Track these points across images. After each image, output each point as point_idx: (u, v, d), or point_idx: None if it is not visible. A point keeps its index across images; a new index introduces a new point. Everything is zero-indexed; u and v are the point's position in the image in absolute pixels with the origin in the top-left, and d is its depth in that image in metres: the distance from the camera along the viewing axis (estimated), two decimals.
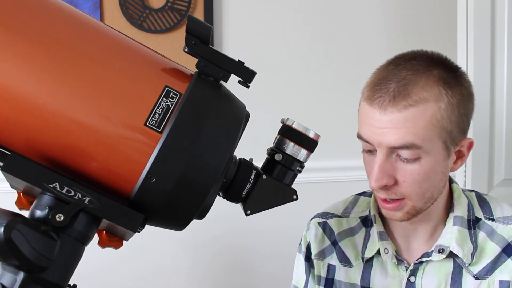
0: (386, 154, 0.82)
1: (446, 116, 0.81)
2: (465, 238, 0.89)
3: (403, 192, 0.83)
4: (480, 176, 1.48)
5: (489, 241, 0.90)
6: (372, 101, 0.82)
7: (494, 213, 0.93)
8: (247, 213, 0.67)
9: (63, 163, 0.59)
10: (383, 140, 0.81)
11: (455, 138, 0.84)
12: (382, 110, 0.80)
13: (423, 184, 0.83)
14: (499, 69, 1.47)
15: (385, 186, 0.82)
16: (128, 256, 1.68)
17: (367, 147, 0.86)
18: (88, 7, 1.66)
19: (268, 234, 1.75)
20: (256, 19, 1.76)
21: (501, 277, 0.88)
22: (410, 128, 0.79)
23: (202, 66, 0.63)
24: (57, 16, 0.61)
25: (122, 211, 0.58)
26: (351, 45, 1.77)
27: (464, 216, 0.91)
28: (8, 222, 0.53)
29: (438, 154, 0.82)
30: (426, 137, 0.80)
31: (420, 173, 0.82)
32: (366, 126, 0.83)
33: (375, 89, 0.82)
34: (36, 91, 0.56)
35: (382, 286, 0.93)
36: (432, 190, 0.85)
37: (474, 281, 0.89)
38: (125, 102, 0.59)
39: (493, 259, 0.89)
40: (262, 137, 0.97)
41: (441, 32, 1.78)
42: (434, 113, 0.80)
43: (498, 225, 0.91)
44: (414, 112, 0.79)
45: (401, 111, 0.79)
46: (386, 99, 0.80)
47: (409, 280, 0.91)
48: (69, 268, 0.58)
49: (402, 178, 0.82)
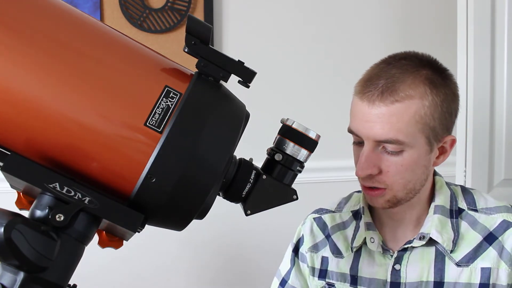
0: (372, 146, 0.88)
1: (430, 113, 0.86)
2: (445, 225, 0.94)
3: (386, 181, 0.89)
4: (480, 176, 1.48)
5: (471, 230, 0.94)
6: (362, 95, 0.88)
7: (478, 204, 0.97)
8: (247, 213, 0.68)
9: (63, 163, 0.59)
10: (370, 133, 0.87)
11: (438, 134, 0.89)
12: (370, 104, 0.86)
13: (405, 175, 0.88)
14: (499, 69, 1.47)
15: (370, 175, 0.88)
16: (128, 256, 1.68)
17: (356, 139, 0.92)
18: (88, 7, 1.66)
19: (268, 234, 1.75)
20: (256, 19, 1.76)
21: (482, 265, 0.91)
22: (395, 123, 0.85)
23: (202, 66, 0.63)
24: (57, 16, 0.61)
25: (122, 211, 0.58)
26: (351, 45, 1.77)
27: (446, 206, 0.96)
28: (8, 222, 0.53)
29: (421, 148, 0.88)
30: (409, 132, 0.86)
31: (403, 164, 0.87)
32: (356, 119, 0.90)
33: (366, 85, 0.89)
34: (36, 91, 0.56)
35: (369, 274, 0.98)
36: (414, 182, 0.90)
37: (456, 268, 0.92)
38: (125, 102, 0.59)
39: (475, 247, 0.92)
40: (262, 137, 0.97)
41: (441, 32, 1.79)
42: (418, 110, 0.86)
43: (481, 215, 0.95)
44: (399, 108, 0.85)
45: (388, 106, 0.85)
46: (375, 94, 0.86)
47: (394, 268, 0.95)
48: (69, 268, 0.58)
49: (386, 168, 0.88)
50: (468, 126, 1.47)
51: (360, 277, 0.99)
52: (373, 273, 0.98)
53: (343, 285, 1.01)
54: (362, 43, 1.78)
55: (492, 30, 1.45)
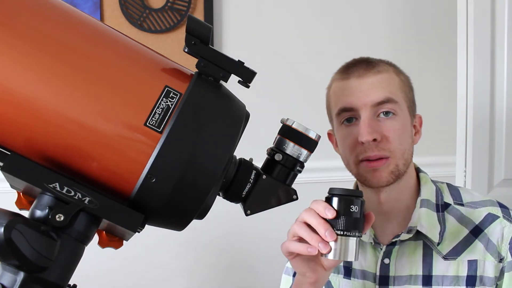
0: (370, 113, 0.93)
1: (405, 86, 0.98)
2: (431, 218, 0.96)
3: (390, 147, 0.93)
4: (480, 176, 1.48)
5: (458, 224, 0.96)
6: (347, 75, 0.96)
7: (464, 198, 1.00)
8: (247, 213, 0.68)
9: (63, 163, 0.59)
10: (367, 100, 0.93)
11: (412, 109, 0.99)
12: (359, 78, 0.95)
13: (403, 140, 0.94)
14: (499, 69, 1.46)
15: (375, 140, 0.92)
16: (129, 257, 1.68)
17: (348, 115, 0.95)
18: (88, 7, 1.66)
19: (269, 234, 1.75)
20: (256, 19, 1.76)
21: (469, 257, 0.94)
22: (385, 86, 0.94)
23: (202, 66, 0.63)
24: (57, 16, 0.61)
25: (122, 211, 0.58)
26: (351, 45, 1.77)
27: (431, 200, 0.99)
28: (8, 222, 0.53)
29: (406, 115, 0.97)
30: (398, 96, 0.95)
31: (399, 128, 0.94)
32: (346, 94, 0.95)
33: (346, 69, 0.98)
34: (36, 91, 0.56)
35: (361, 266, 1.01)
36: (408, 152, 0.96)
37: (444, 261, 0.94)
38: (125, 102, 0.59)
39: (461, 240, 0.95)
40: (262, 137, 0.97)
41: (441, 32, 1.79)
42: (397, 81, 0.97)
43: (467, 209, 0.98)
44: (384, 76, 0.95)
45: (376, 75, 0.94)
46: (360, 70, 0.95)
47: (383, 262, 0.98)
48: (69, 268, 0.58)
49: (387, 133, 0.93)
50: (468, 126, 1.47)
51: (354, 269, 1.01)
52: (365, 266, 1.00)
53: (336, 276, 1.03)
54: (362, 43, 1.77)
55: (492, 30, 1.45)
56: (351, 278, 1.01)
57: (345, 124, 0.96)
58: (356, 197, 0.73)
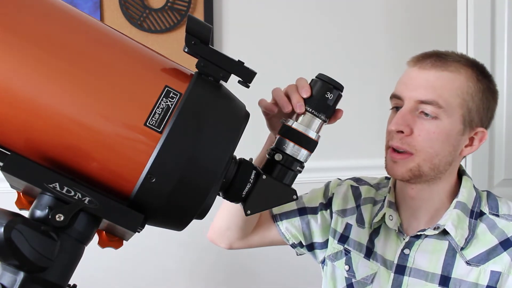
0: (411, 107, 0.92)
1: (470, 94, 0.92)
2: (462, 222, 0.94)
3: (416, 145, 0.91)
4: (480, 176, 1.48)
5: (488, 233, 0.94)
6: (415, 63, 0.95)
7: (501, 210, 0.97)
8: (247, 213, 0.67)
9: (63, 163, 0.59)
10: (413, 93, 0.92)
11: (472, 120, 0.94)
12: (421, 69, 0.93)
13: (435, 144, 0.91)
14: (499, 69, 1.47)
15: (401, 132, 0.91)
16: (129, 257, 1.68)
17: (396, 104, 0.96)
18: (88, 7, 1.66)
19: None
20: (256, 19, 1.76)
21: (493, 268, 0.92)
22: (438, 88, 0.91)
23: (202, 66, 0.63)
24: (57, 16, 0.61)
25: (122, 211, 0.58)
26: (352, 45, 1.77)
27: (468, 205, 0.96)
28: (8, 222, 0.53)
29: (455, 123, 0.92)
30: (449, 102, 0.91)
31: (435, 132, 0.91)
32: (402, 84, 0.96)
33: (419, 57, 0.96)
34: (36, 91, 0.56)
35: (382, 251, 1.02)
36: (440, 158, 0.92)
37: (466, 266, 0.93)
38: (125, 102, 0.59)
39: (488, 249, 0.93)
40: (262, 137, 0.97)
41: (441, 32, 1.78)
42: (461, 86, 0.92)
43: (501, 220, 0.95)
44: (446, 76, 0.91)
45: (438, 72, 0.92)
46: (428, 62, 0.93)
47: (403, 252, 0.98)
48: (69, 268, 0.58)
49: (418, 131, 0.91)
50: None
51: (375, 252, 1.03)
52: (386, 252, 1.01)
53: (358, 254, 1.05)
54: (362, 43, 1.77)
55: (492, 30, 1.45)
56: (370, 260, 1.03)
57: (393, 109, 0.98)
58: (335, 88, 0.73)
